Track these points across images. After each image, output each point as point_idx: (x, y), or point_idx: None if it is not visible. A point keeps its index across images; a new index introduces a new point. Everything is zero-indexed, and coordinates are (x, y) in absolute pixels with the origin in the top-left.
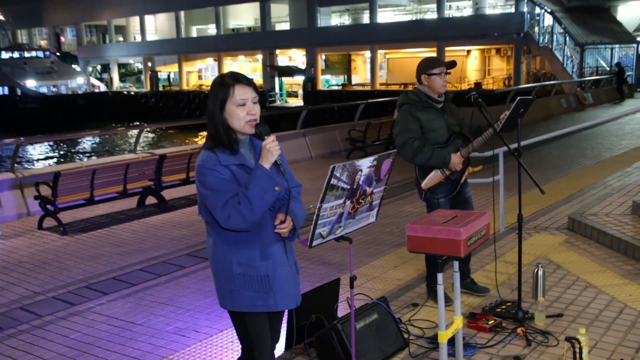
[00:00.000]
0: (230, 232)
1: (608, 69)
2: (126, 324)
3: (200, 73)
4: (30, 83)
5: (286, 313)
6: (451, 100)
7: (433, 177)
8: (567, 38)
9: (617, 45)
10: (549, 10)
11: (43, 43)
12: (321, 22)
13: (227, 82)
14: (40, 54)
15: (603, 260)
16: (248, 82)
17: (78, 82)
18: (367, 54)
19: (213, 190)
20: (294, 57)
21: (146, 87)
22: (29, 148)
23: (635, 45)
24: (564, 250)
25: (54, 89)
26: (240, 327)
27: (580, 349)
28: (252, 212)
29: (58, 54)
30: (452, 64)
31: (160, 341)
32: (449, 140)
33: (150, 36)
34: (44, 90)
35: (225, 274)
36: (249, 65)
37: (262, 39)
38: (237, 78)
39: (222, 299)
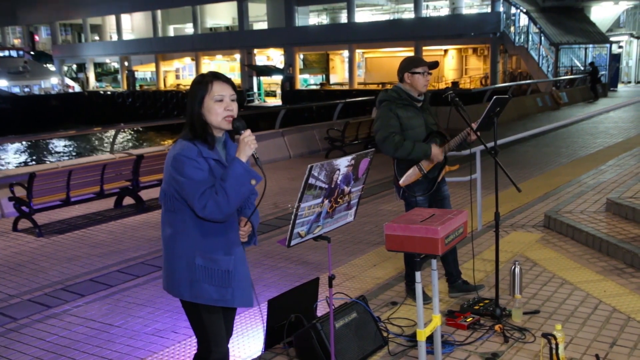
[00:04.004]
0: (199, 223)
1: (582, 68)
2: (104, 325)
3: (177, 72)
4: (2, 83)
5: (264, 314)
6: (430, 100)
7: (411, 175)
8: (543, 38)
9: (590, 45)
10: (525, 10)
11: (17, 42)
12: (299, 21)
13: (206, 79)
14: (13, 53)
15: (578, 257)
16: (226, 80)
17: (52, 82)
18: (345, 53)
19: (191, 179)
20: (272, 56)
21: (123, 87)
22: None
23: (608, 45)
24: (541, 248)
25: (27, 89)
26: (195, 319)
27: (557, 344)
28: (228, 204)
29: (32, 52)
30: (435, 65)
31: (138, 343)
32: (427, 139)
33: (127, 35)
34: (16, 90)
35: (187, 264)
36: (227, 65)
37: (239, 39)
38: (217, 76)
39: (180, 289)
